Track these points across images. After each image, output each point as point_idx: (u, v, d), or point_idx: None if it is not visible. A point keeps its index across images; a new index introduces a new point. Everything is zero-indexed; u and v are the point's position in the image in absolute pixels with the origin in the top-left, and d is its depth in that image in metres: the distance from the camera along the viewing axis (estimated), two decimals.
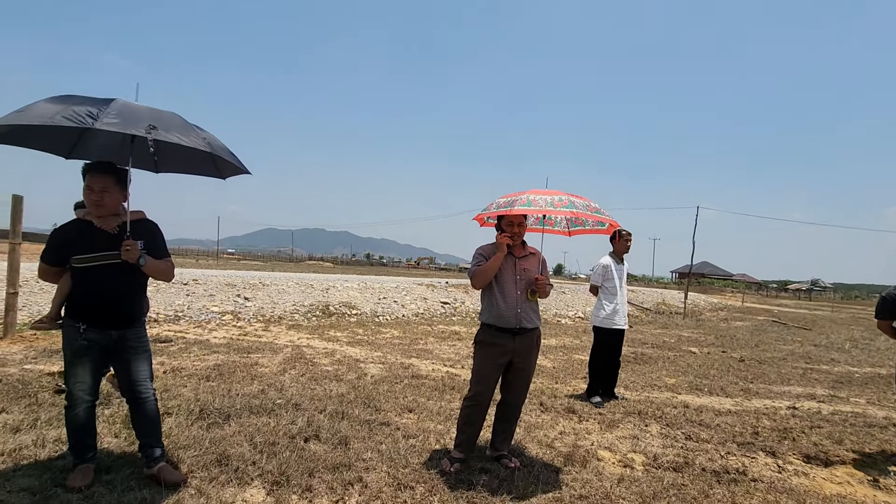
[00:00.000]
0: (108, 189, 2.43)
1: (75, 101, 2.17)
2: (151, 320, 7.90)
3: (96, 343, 2.46)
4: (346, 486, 2.70)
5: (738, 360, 8.04)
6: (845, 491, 3.14)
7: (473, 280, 3.05)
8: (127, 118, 2.15)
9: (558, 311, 14.13)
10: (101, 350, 2.50)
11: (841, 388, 6.32)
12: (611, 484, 2.94)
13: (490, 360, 3.04)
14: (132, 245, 2.37)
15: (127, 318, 2.54)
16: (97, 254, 2.42)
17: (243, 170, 2.72)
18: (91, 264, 2.42)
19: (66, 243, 2.44)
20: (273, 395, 4.27)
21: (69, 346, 2.45)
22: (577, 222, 3.80)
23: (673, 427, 4.18)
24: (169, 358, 5.54)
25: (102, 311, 2.46)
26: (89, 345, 2.44)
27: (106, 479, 2.56)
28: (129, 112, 2.20)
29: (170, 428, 3.31)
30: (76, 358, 2.43)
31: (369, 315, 10.53)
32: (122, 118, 2.14)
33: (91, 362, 2.47)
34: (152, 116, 2.23)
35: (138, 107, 2.29)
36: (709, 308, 22.47)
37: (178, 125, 2.34)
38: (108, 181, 2.42)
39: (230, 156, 2.57)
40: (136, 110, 2.25)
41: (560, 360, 7.12)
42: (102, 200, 2.43)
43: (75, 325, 2.43)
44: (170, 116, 2.36)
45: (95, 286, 2.43)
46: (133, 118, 2.17)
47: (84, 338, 2.42)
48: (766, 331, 14.03)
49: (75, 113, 2.08)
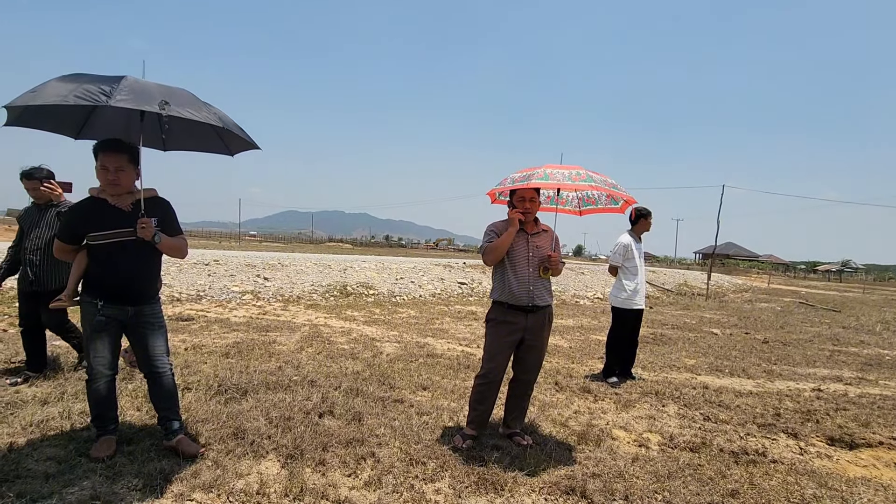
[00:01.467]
0: (123, 168, 2.45)
1: (86, 80, 2.16)
2: (174, 299, 8.11)
3: (114, 318, 2.51)
4: (358, 460, 2.73)
5: (762, 342, 7.85)
6: (870, 474, 3.05)
7: (485, 256, 3.01)
8: (139, 95, 2.14)
9: (577, 291, 14.00)
10: (119, 325, 2.55)
11: (870, 370, 6.11)
12: (625, 463, 2.90)
13: (502, 337, 3.01)
14: (147, 223, 2.40)
15: (143, 295, 2.59)
16: (113, 230, 2.45)
17: (253, 144, 2.71)
18: (107, 241, 2.45)
19: (81, 221, 2.48)
20: (290, 371, 4.34)
21: (87, 322, 2.50)
22: (588, 201, 3.71)
23: (691, 408, 4.10)
24: (190, 336, 5.68)
25: (119, 288, 2.50)
26: (107, 321, 2.49)
27: (127, 451, 2.65)
28: (141, 89, 2.19)
29: (189, 402, 3.39)
30: (95, 333, 2.49)
31: (386, 295, 10.60)
32: (134, 94, 2.13)
33: (109, 337, 2.53)
34: (163, 92, 2.22)
35: (148, 83, 2.28)
36: (733, 289, 21.98)
37: (189, 100, 2.33)
38: (123, 160, 2.44)
39: (239, 130, 2.55)
40: (147, 87, 2.24)
41: (577, 340, 7.06)
42: (119, 179, 2.45)
43: (93, 301, 2.48)
44: (180, 92, 2.35)
45: (111, 263, 2.47)
46: (145, 95, 2.16)
47: (102, 314, 2.47)
48: (793, 312, 13.66)
49: (88, 91, 2.07)
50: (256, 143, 2.71)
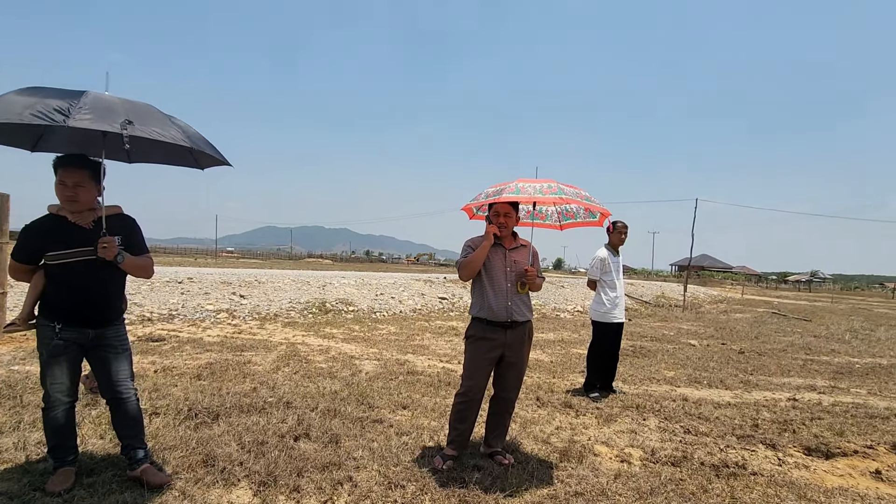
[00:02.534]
0: (82, 183, 2.32)
1: (44, 95, 2.05)
2: (145, 319, 7.83)
3: (73, 342, 2.37)
4: (335, 485, 2.63)
5: (738, 352, 7.98)
6: (847, 483, 3.08)
7: (461, 271, 2.98)
8: (100, 113, 2.05)
9: (557, 305, 14.07)
10: (78, 349, 2.41)
11: (842, 378, 6.25)
12: (607, 480, 2.87)
13: (482, 354, 2.96)
14: (109, 241, 2.28)
15: (104, 317, 2.45)
16: (72, 250, 2.32)
17: (223, 161, 2.62)
18: (66, 261, 2.32)
19: (38, 240, 2.34)
20: (264, 393, 4.19)
21: (44, 347, 2.36)
22: (567, 215, 3.74)
23: (671, 421, 4.11)
24: (161, 357, 5.46)
25: (78, 310, 2.37)
26: (66, 344, 2.35)
27: (87, 482, 2.49)
28: (102, 106, 2.10)
29: (157, 428, 3.24)
30: (52, 358, 2.35)
31: (366, 311, 10.46)
32: (94, 113, 2.03)
33: (68, 362, 2.38)
34: (126, 110, 2.13)
35: (111, 99, 2.19)
36: (708, 300, 22.43)
37: (155, 118, 2.24)
38: (83, 175, 2.32)
39: (210, 147, 2.47)
40: (110, 104, 2.14)
41: (558, 354, 7.05)
42: (77, 196, 2.32)
43: (50, 324, 2.34)
44: (145, 109, 2.26)
45: (70, 284, 2.34)
46: (107, 112, 2.06)
47: (60, 337, 2.33)
48: (766, 322, 13.98)
49: (44, 110, 1.96)
50: (227, 160, 2.64)
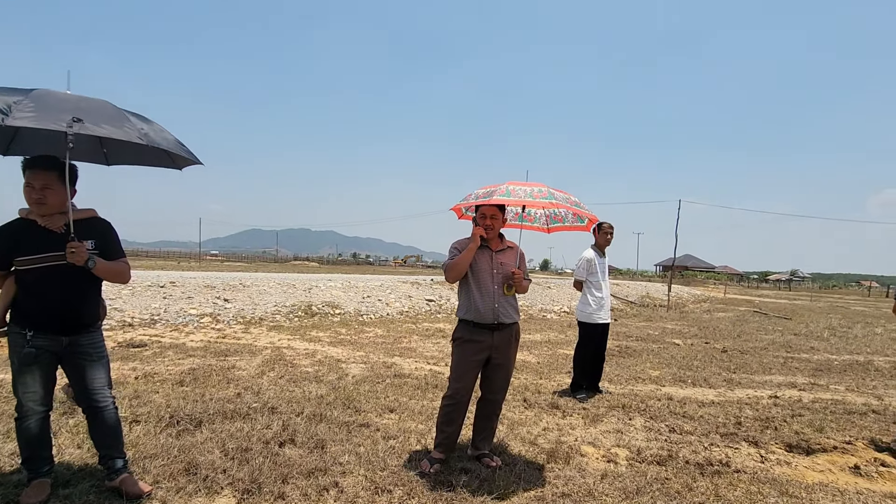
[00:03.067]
0: (50, 186, 2.24)
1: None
2: (126, 324, 7.67)
3: (45, 350, 2.29)
4: (320, 491, 2.60)
5: (721, 351, 8.10)
6: (827, 479, 3.14)
7: (447, 273, 2.98)
8: (45, 110, 1.93)
9: (544, 306, 14.14)
10: (52, 357, 2.33)
11: (821, 375, 6.39)
12: (594, 480, 2.88)
13: (469, 356, 2.96)
14: (77, 246, 2.19)
15: (78, 323, 2.38)
16: (42, 255, 2.25)
17: (194, 160, 2.54)
18: (36, 266, 2.25)
19: (7, 244, 2.27)
20: (249, 398, 4.13)
21: (15, 354, 2.28)
22: (556, 218, 3.76)
23: (657, 420, 4.15)
24: (142, 363, 5.35)
25: (50, 317, 2.29)
26: (38, 352, 2.27)
27: (63, 494, 2.42)
28: (49, 103, 1.98)
29: (137, 436, 3.16)
30: (24, 366, 2.27)
31: (353, 314, 10.38)
32: (38, 111, 1.91)
33: (41, 370, 2.30)
34: (78, 107, 2.01)
35: (61, 96, 2.07)
36: (692, 300, 22.76)
37: (110, 115, 2.13)
38: (50, 178, 2.23)
39: (176, 146, 2.39)
40: (58, 101, 2.02)
41: (545, 355, 7.08)
42: (44, 198, 2.24)
43: (21, 331, 2.26)
44: (99, 105, 2.15)
45: (42, 290, 2.27)
46: (53, 110, 1.95)
47: (31, 345, 2.25)
48: (748, 321, 14.23)
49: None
50: (198, 159, 2.56)
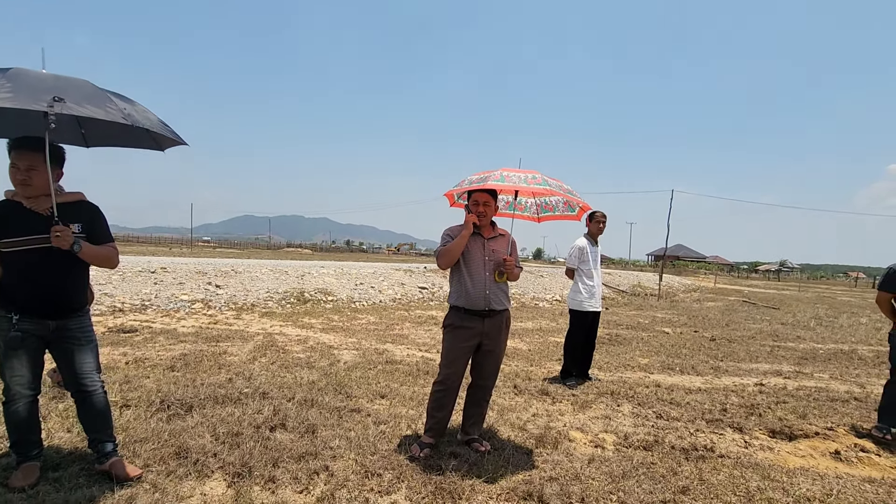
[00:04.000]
0: (35, 167, 2.21)
1: None
2: (116, 309, 7.62)
3: (31, 334, 2.28)
4: (311, 475, 2.62)
5: (710, 340, 8.21)
6: (808, 464, 3.21)
7: (439, 259, 2.98)
8: (24, 90, 1.88)
9: (536, 294, 14.22)
10: (38, 341, 2.32)
11: (806, 364, 6.51)
12: (581, 464, 2.93)
13: (459, 342, 2.98)
14: (62, 230, 2.16)
15: (65, 307, 2.36)
16: (27, 237, 2.22)
17: (179, 140, 2.50)
18: (21, 248, 2.23)
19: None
20: (240, 384, 4.14)
21: (1, 338, 2.26)
22: (546, 207, 3.77)
23: (644, 406, 4.21)
24: (132, 348, 5.33)
25: (36, 300, 2.28)
26: (24, 336, 2.25)
27: (53, 477, 2.42)
28: (28, 83, 1.93)
29: (127, 421, 3.16)
30: (10, 350, 2.25)
31: (345, 301, 10.39)
32: (16, 91, 1.86)
33: (28, 354, 2.29)
34: (57, 86, 1.95)
35: (40, 75, 2.02)
36: (683, 289, 22.99)
37: (90, 94, 2.08)
38: (36, 158, 2.20)
39: (160, 126, 2.34)
40: (37, 80, 1.97)
41: (536, 342, 7.14)
42: (30, 179, 2.21)
43: (7, 315, 2.24)
44: (80, 84, 2.10)
45: (27, 273, 2.25)
46: (32, 90, 1.90)
47: (17, 328, 2.23)
48: (737, 311, 14.41)
49: None
50: (182, 139, 2.51)
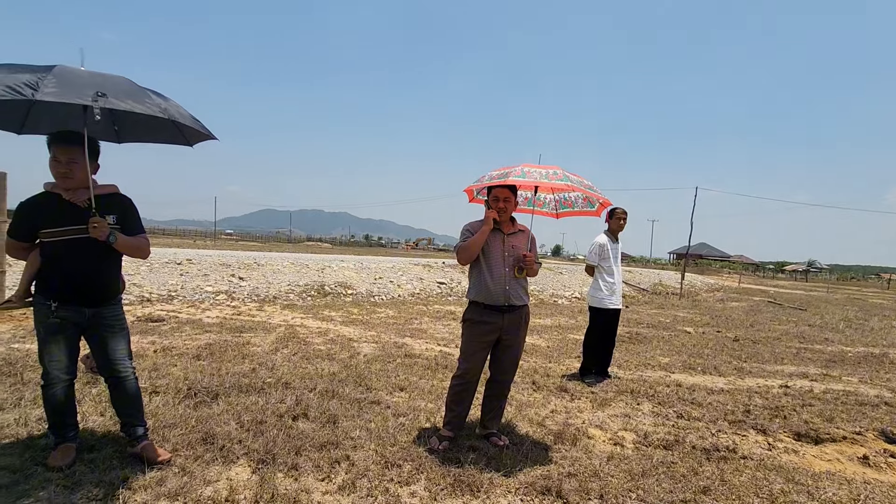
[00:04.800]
0: (76, 160, 2.31)
1: (11, 70, 1.99)
2: (144, 300, 7.86)
3: (69, 321, 2.39)
4: (332, 464, 2.68)
5: (733, 340, 8.05)
6: (834, 468, 3.14)
7: (459, 255, 3.00)
8: (70, 86, 1.99)
9: (555, 291, 14.13)
10: (75, 328, 2.43)
11: (834, 367, 6.33)
12: (600, 462, 2.92)
13: (478, 337, 2.99)
14: (99, 222, 2.26)
15: (100, 296, 2.47)
16: (66, 228, 2.33)
17: (209, 135, 2.57)
18: (60, 238, 2.33)
19: (33, 216, 2.35)
20: (263, 373, 4.24)
21: (41, 324, 2.37)
22: (566, 203, 3.76)
23: (665, 405, 4.17)
24: (160, 337, 5.50)
25: (73, 289, 2.38)
26: (62, 323, 2.37)
27: (88, 458, 2.53)
28: (72, 79, 2.04)
29: (157, 407, 3.27)
30: (49, 336, 2.37)
31: (365, 295, 10.50)
32: (63, 87, 1.97)
33: (65, 340, 2.40)
34: (97, 83, 2.05)
35: (81, 72, 2.12)
36: (705, 289, 22.53)
37: (129, 90, 2.18)
38: (77, 152, 2.30)
39: (192, 121, 2.42)
40: (80, 77, 2.08)
41: (555, 339, 7.11)
42: (71, 172, 2.32)
43: (46, 302, 2.35)
44: (118, 81, 2.20)
45: (65, 262, 2.35)
46: (76, 86, 2.00)
47: (55, 315, 2.35)
48: (762, 311, 14.07)
49: (13, 85, 1.91)
50: (212, 134, 2.58)
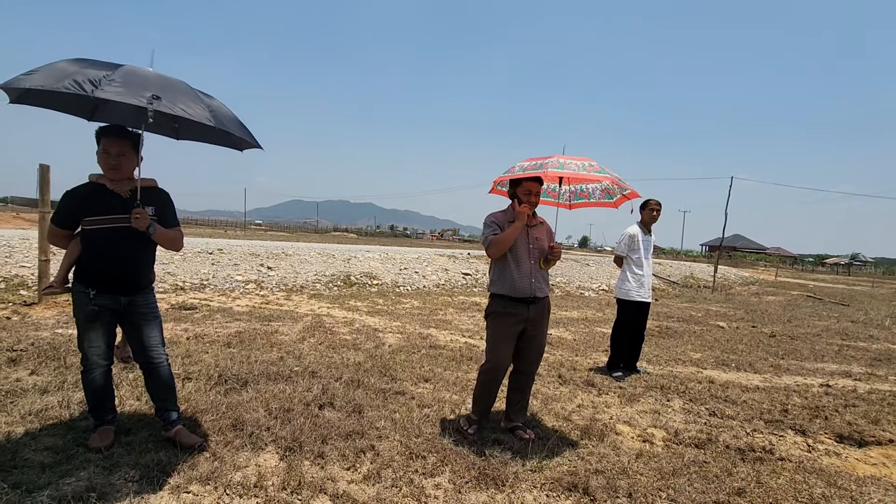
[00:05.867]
0: (124, 153, 2.44)
1: (86, 66, 2.15)
2: (178, 288, 8.11)
3: (106, 308, 2.49)
4: (357, 453, 2.70)
5: (769, 336, 7.75)
6: (880, 472, 2.98)
7: (490, 249, 2.97)
8: (130, 86, 2.10)
9: (582, 283, 13.91)
10: (112, 315, 2.53)
11: (880, 366, 6.01)
12: (628, 459, 2.85)
13: (506, 328, 2.98)
14: (142, 213, 2.37)
15: (136, 284, 2.56)
16: (109, 216, 2.43)
17: (255, 144, 2.68)
18: (101, 227, 2.43)
19: (77, 205, 2.45)
20: (291, 362, 4.31)
21: (80, 311, 2.48)
22: (581, 195, 3.75)
23: (696, 402, 4.04)
24: (193, 325, 5.67)
25: (111, 277, 2.47)
26: (100, 310, 2.47)
27: (125, 441, 2.63)
28: (135, 79, 2.16)
29: (189, 392, 3.37)
30: (88, 323, 2.47)
31: (390, 285, 10.57)
32: (125, 86, 2.09)
33: (103, 327, 2.50)
34: (160, 84, 2.19)
35: (146, 73, 2.25)
36: (739, 282, 21.79)
37: (186, 95, 2.29)
38: (125, 145, 2.44)
39: (240, 129, 2.51)
40: (143, 77, 2.20)
41: (581, 332, 7.00)
42: (120, 164, 2.44)
43: (85, 290, 2.45)
44: (177, 85, 2.32)
45: (104, 250, 2.45)
46: (137, 86, 2.12)
47: (94, 303, 2.45)
48: (800, 306, 13.51)
49: (79, 80, 2.04)
50: (258, 142, 2.68)
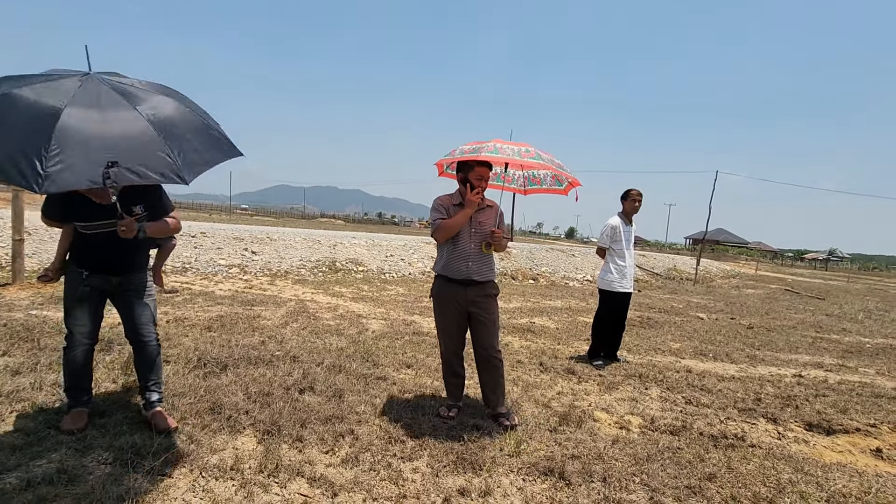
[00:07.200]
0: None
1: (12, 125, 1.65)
2: None
3: (97, 289, 2.49)
4: (336, 437, 2.70)
5: (747, 328, 7.92)
6: (846, 459, 3.08)
7: (437, 234, 2.99)
8: (77, 158, 1.62)
9: (566, 273, 14.02)
10: (102, 295, 2.53)
11: (850, 357, 6.19)
12: (605, 445, 2.90)
13: (446, 310, 3.06)
14: (127, 224, 2.24)
15: (129, 267, 2.55)
16: (95, 223, 2.38)
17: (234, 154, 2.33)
18: (91, 232, 2.40)
19: (63, 206, 2.39)
20: (272, 346, 4.28)
21: (71, 290, 2.46)
22: (534, 181, 3.77)
23: (673, 391, 4.12)
24: (173, 308, 5.59)
25: (105, 264, 2.47)
26: (91, 290, 2.47)
27: (99, 423, 2.59)
28: (78, 143, 1.65)
29: (167, 376, 3.32)
30: (78, 302, 2.46)
31: (375, 272, 10.53)
32: (66, 163, 1.60)
33: (91, 306, 2.49)
34: (117, 132, 1.73)
35: (90, 120, 1.72)
36: (721, 275, 22.19)
37: (150, 140, 1.82)
38: None
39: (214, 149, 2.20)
40: (87, 134, 1.68)
41: (564, 321, 7.07)
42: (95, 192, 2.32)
43: (78, 270, 2.45)
44: (135, 124, 1.82)
45: (97, 248, 2.43)
46: (87, 155, 1.63)
47: (86, 283, 2.44)
48: (778, 299, 13.82)
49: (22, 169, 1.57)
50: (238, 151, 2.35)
